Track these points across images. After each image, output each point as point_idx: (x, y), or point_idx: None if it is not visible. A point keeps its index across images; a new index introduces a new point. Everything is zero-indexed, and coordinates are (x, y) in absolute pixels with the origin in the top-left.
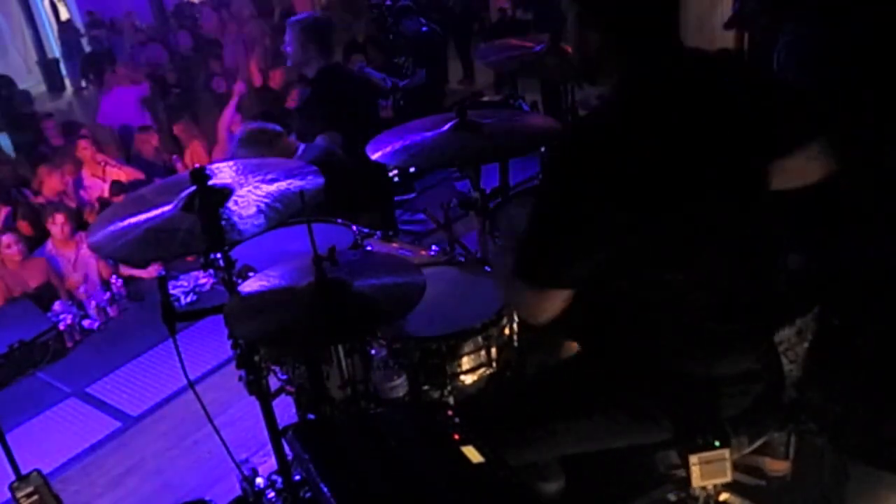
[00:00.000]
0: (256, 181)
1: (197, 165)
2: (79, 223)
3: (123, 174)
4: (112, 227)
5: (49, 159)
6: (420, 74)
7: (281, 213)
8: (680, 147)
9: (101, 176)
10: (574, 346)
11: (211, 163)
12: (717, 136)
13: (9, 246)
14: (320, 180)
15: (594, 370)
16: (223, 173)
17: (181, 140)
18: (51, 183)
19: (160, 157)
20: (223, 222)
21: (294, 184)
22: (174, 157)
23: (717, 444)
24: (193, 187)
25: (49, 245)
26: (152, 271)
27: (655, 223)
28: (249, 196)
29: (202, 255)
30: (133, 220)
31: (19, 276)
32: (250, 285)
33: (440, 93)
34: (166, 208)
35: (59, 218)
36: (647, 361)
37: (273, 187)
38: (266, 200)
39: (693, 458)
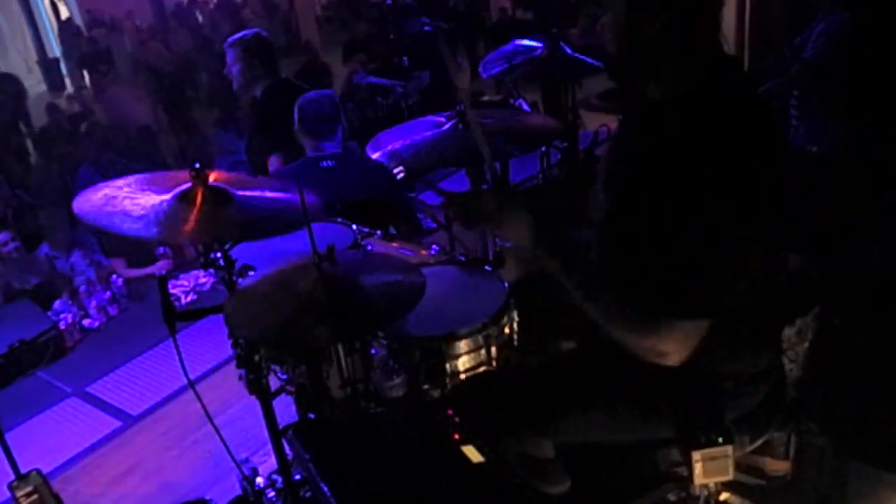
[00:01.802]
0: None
1: None
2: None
3: None
4: (102, 203)
5: None
6: (423, 76)
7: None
8: (729, 149)
9: None
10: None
11: None
12: (754, 140)
13: (6, 244)
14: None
15: (599, 364)
16: None
17: None
18: None
19: None
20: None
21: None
22: None
23: (720, 440)
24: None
25: (45, 247)
26: (161, 266)
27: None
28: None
29: (203, 256)
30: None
31: (20, 274)
32: (249, 282)
33: (449, 93)
34: (165, 196)
35: (59, 217)
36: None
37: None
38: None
39: (696, 455)
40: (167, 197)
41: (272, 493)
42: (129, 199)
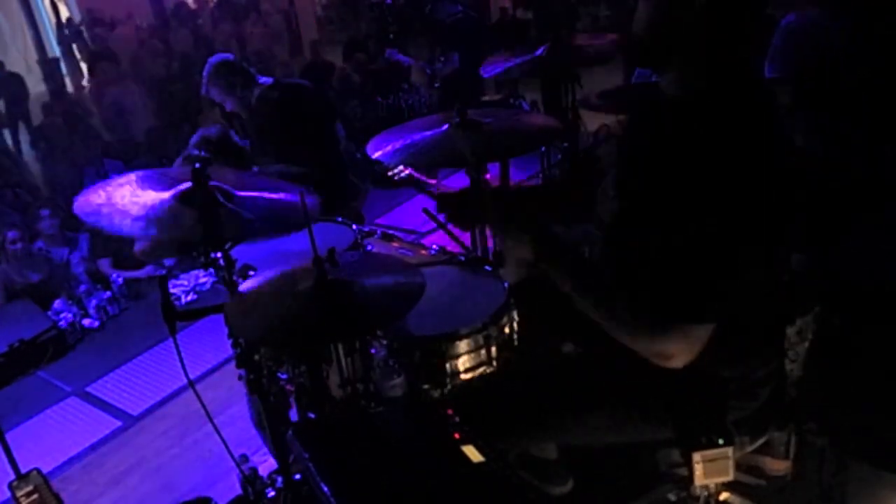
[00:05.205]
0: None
1: None
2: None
3: None
4: (101, 202)
5: None
6: (453, 59)
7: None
8: (729, 149)
9: None
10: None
11: None
12: (758, 144)
13: (13, 242)
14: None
15: (599, 366)
16: None
17: None
18: None
19: None
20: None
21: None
22: None
23: (720, 442)
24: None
25: (39, 241)
26: (147, 271)
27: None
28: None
29: (203, 256)
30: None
31: (22, 270)
32: (250, 284)
33: (477, 79)
34: (164, 195)
35: (44, 213)
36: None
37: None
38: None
39: (696, 457)
40: (166, 195)
41: (272, 493)
42: (130, 198)
